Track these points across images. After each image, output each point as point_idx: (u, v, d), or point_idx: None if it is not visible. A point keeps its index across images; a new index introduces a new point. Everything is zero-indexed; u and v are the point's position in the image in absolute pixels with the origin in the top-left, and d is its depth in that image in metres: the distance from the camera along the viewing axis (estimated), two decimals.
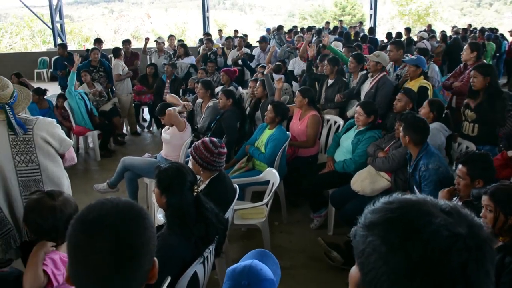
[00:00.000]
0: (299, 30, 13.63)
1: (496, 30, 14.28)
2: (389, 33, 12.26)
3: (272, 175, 3.94)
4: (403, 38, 11.03)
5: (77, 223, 1.02)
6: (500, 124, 4.13)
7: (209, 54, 8.98)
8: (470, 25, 16.33)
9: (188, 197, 2.39)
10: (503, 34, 13.67)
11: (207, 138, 3.22)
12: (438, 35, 11.69)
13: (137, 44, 18.57)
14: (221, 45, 10.13)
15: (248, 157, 4.55)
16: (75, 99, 6.34)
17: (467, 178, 2.72)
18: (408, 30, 11.76)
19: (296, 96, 4.90)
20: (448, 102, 5.52)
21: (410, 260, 0.70)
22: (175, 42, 9.94)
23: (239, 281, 1.65)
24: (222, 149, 3.17)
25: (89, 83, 7.06)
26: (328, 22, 16.36)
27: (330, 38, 8.18)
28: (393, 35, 11.69)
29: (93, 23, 35.99)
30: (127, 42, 8.85)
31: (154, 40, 9.43)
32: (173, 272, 2.18)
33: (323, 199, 4.28)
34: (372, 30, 13.38)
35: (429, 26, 14.88)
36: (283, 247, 4.01)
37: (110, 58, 8.80)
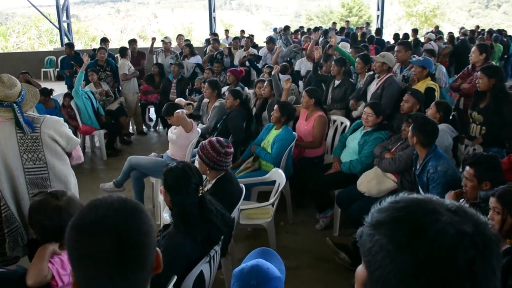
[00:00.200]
0: (305, 30, 13.60)
1: (504, 31, 14.20)
2: (396, 34, 12.18)
3: (278, 175, 3.94)
4: (410, 39, 10.95)
5: (76, 228, 1.00)
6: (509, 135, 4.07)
7: (215, 54, 8.99)
8: (478, 27, 16.23)
9: (192, 198, 2.39)
10: (511, 36, 13.58)
11: (214, 138, 3.22)
12: (445, 36, 11.62)
13: (143, 44, 18.63)
14: (227, 45, 10.12)
15: (254, 157, 4.55)
16: (82, 98, 6.37)
17: (474, 180, 2.70)
18: (415, 31, 11.72)
19: (303, 96, 4.89)
20: (455, 104, 5.49)
21: (416, 259, 0.71)
22: (183, 42, 9.95)
23: (248, 281, 1.66)
24: (229, 149, 3.17)
25: (95, 83, 7.10)
26: (334, 23, 16.21)
27: (337, 39, 8.15)
28: (400, 36, 11.60)
29: (100, 22, 36.17)
30: (133, 42, 8.87)
31: (161, 40, 9.44)
32: (179, 271, 2.18)
33: (329, 200, 4.28)
34: (379, 31, 13.31)
35: (437, 27, 14.84)
36: (289, 248, 4.01)
37: (116, 58, 8.83)
